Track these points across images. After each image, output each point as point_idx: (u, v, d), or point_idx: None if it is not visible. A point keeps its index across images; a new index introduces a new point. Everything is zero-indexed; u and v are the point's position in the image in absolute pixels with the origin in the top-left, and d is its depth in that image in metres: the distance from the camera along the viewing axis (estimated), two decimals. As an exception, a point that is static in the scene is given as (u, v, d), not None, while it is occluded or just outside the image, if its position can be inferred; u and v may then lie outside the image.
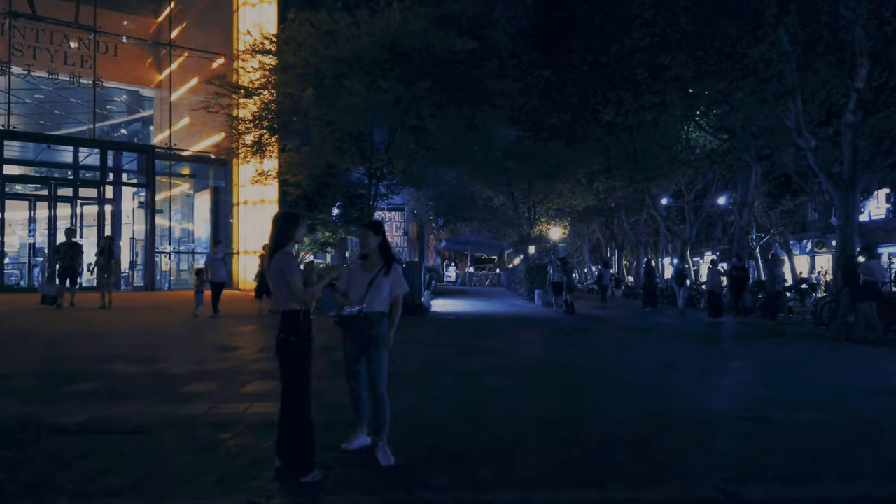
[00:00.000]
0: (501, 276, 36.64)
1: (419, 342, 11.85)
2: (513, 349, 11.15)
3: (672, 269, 39.46)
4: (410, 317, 16.71)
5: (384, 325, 5.03)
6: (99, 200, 20.41)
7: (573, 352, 11.05)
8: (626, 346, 11.88)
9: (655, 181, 26.80)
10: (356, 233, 27.97)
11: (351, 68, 15.47)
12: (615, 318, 18.92)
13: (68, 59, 19.92)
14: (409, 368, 8.83)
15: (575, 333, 14.02)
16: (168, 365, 8.82)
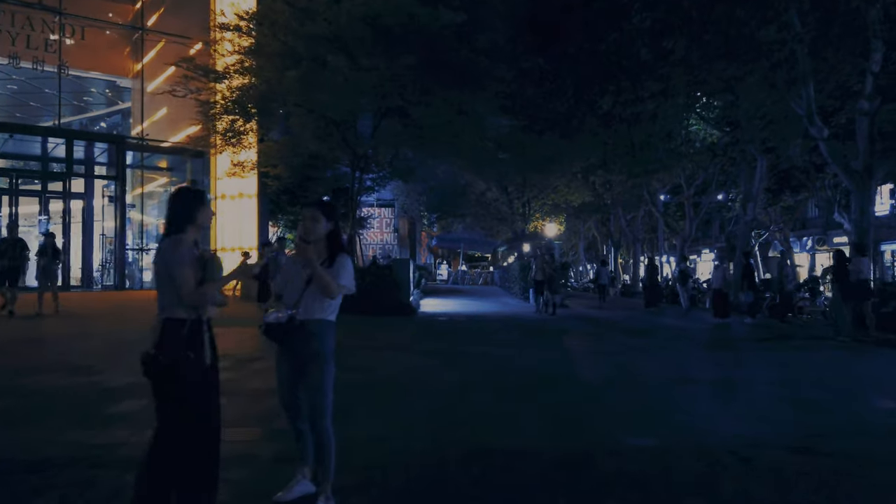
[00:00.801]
0: (495, 275, 35.52)
1: (400, 348, 10.66)
2: (503, 357, 9.96)
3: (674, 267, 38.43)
4: (396, 318, 15.56)
5: (327, 336, 3.80)
6: (64, 194, 19.11)
7: (572, 361, 9.86)
8: (630, 353, 10.70)
9: (655, 175, 25.67)
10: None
11: (330, 47, 14.26)
12: (615, 319, 17.76)
13: (31, 44, 18.60)
14: (383, 382, 7.64)
15: (573, 338, 12.85)
16: (104, 377, 7.62)
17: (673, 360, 10.09)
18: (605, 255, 36.38)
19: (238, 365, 8.54)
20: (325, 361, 3.72)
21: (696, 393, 7.26)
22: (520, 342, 11.96)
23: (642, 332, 14.45)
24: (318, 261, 3.67)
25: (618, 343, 12.04)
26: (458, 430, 5.52)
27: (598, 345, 11.81)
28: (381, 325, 14.24)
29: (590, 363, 9.54)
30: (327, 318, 3.76)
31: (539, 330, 13.76)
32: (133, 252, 21.46)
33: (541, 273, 18.00)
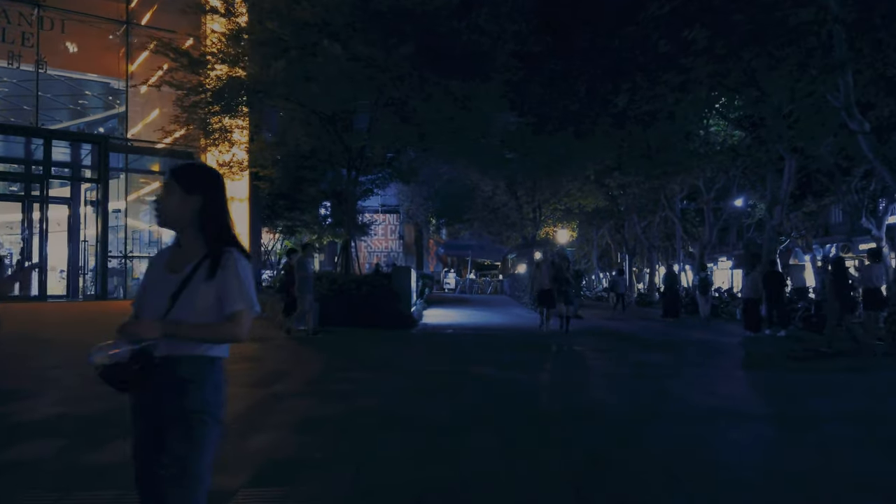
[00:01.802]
0: (505, 284, 34.03)
1: (391, 369, 9.23)
2: (510, 381, 8.49)
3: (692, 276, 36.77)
4: (395, 331, 14.15)
5: (207, 383, 2.30)
6: (42, 199, 17.88)
7: (593, 386, 8.35)
8: (661, 375, 9.20)
9: (676, 176, 24.16)
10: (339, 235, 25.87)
11: (319, 34, 12.94)
12: (635, 332, 16.25)
13: (6, 37, 17.41)
14: (360, 416, 6.21)
15: (591, 356, 11.35)
16: (28, 404, 6.30)
17: (712, 384, 8.57)
18: (621, 263, 34.84)
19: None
20: (202, 427, 2.23)
21: (754, 434, 5.75)
22: (529, 362, 10.48)
23: (668, 347, 12.93)
24: (192, 264, 2.25)
25: (643, 362, 10.53)
26: (442, 495, 4.06)
27: (620, 364, 10.30)
28: (376, 339, 12.83)
29: (614, 389, 8.05)
30: (208, 354, 2.29)
31: (551, 346, 12.26)
32: (117, 260, 20.19)
33: (548, 281, 14.73)
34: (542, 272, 15.12)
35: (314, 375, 8.45)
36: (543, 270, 15.09)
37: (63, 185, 19.14)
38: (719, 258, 49.35)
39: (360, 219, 25.96)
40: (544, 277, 14.90)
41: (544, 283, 14.90)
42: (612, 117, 22.30)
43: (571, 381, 8.63)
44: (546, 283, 14.80)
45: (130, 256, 20.41)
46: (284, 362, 9.54)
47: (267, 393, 7.14)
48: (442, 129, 13.95)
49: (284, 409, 6.39)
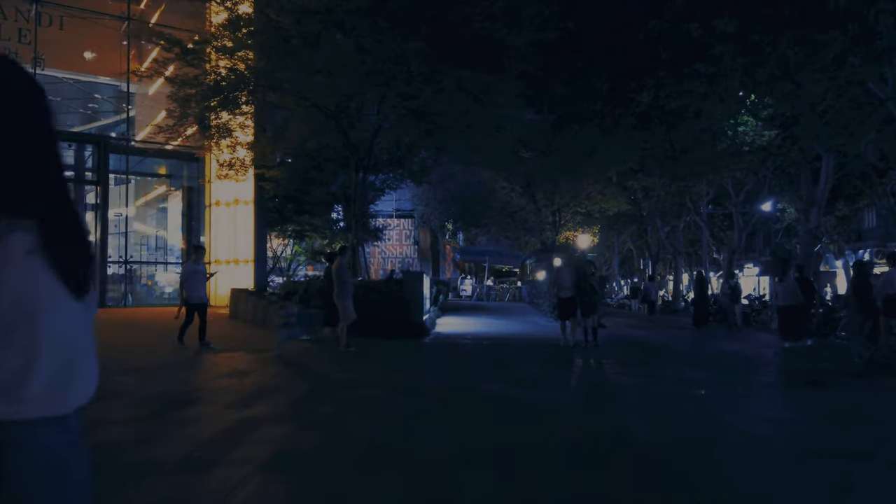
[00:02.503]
0: (523, 290, 32.89)
1: (393, 386, 8.18)
2: (527, 403, 7.41)
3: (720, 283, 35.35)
4: (405, 340, 13.12)
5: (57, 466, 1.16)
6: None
7: (626, 410, 7.23)
8: (704, 395, 8.08)
9: (703, 177, 22.93)
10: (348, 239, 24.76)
11: (322, 22, 12.05)
12: (666, 343, 15.08)
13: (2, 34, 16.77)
14: (346, 448, 5.17)
15: (620, 371, 10.22)
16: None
17: (767, 408, 7.41)
18: (653, 269, 33.56)
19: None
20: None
21: (842, 478, 4.63)
22: (549, 379, 9.38)
23: (705, 361, 11.74)
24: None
25: (681, 379, 9.37)
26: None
27: (655, 382, 9.13)
28: (382, 351, 11.83)
29: (652, 414, 6.92)
30: (54, 414, 1.22)
31: (574, 360, 11.13)
32: (118, 266, 19.44)
33: (570, 287, 12.89)
34: (562, 277, 13.11)
35: (302, 394, 7.45)
36: (564, 275, 13.12)
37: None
38: (745, 264, 47.76)
39: (372, 223, 25.06)
40: (565, 283, 13.01)
41: (565, 290, 13.00)
42: (636, 116, 21.22)
43: (597, 404, 7.51)
44: (568, 289, 12.95)
45: (131, 262, 19.65)
46: (273, 378, 8.56)
47: (242, 417, 6.16)
48: (454, 125, 12.94)
49: (256, 438, 5.40)
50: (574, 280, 12.88)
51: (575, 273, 13.08)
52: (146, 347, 11.34)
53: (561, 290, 13.12)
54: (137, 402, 6.87)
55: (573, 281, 12.87)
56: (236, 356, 10.40)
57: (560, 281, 13.10)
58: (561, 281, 13.10)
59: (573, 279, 12.91)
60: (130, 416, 6.26)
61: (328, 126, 14.26)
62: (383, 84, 11.89)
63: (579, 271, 13.07)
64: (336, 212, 22.75)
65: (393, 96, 12.31)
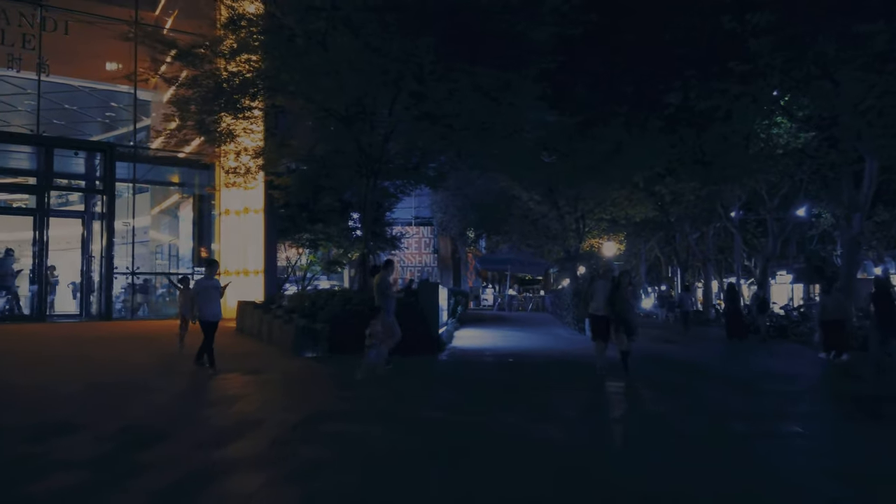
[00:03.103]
0: (546, 300, 31.83)
1: (390, 416, 7.28)
2: (544, 445, 6.45)
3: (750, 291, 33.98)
4: (417, 356, 12.19)
5: None
6: (39, 210, 16.65)
7: (660, 456, 6.20)
8: (758, 430, 7.03)
9: (737, 181, 21.77)
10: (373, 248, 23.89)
11: (328, 20, 11.29)
12: (702, 360, 14.01)
13: (6, 40, 16.31)
14: None
15: (659, 399, 9.16)
16: None
17: (835, 454, 6.36)
18: (683, 279, 32.31)
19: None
20: None
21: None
22: (571, 408, 8.38)
23: (748, 383, 10.63)
24: None
25: (728, 409, 8.31)
26: None
27: (698, 415, 8.02)
28: (392, 370, 10.95)
29: (702, 464, 5.80)
30: None
31: (603, 383, 10.10)
32: (125, 276, 18.88)
33: (597, 305, 10.68)
34: (596, 290, 10.81)
35: (288, 429, 6.59)
36: (598, 288, 10.79)
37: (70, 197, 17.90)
38: (778, 272, 46.06)
39: (388, 231, 24.28)
40: (599, 297, 10.69)
41: (599, 306, 10.68)
42: (663, 119, 20.16)
43: (632, 446, 6.50)
44: (602, 305, 10.63)
45: (138, 273, 19.07)
46: (260, 407, 7.74)
47: (209, 461, 5.34)
48: (469, 127, 12.05)
49: (217, 492, 4.57)
50: (608, 294, 10.60)
51: (610, 286, 10.76)
52: (136, 365, 10.61)
53: (593, 305, 10.81)
54: (99, 437, 6.09)
55: (608, 295, 10.60)
56: (230, 378, 9.62)
57: (592, 295, 10.82)
58: (593, 294, 10.81)
59: (608, 293, 10.63)
60: (85, 455, 5.49)
61: (338, 130, 13.51)
62: (393, 83, 11.06)
63: (616, 283, 10.79)
64: (352, 220, 22.01)
65: (404, 97, 11.47)
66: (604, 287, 10.77)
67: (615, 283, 10.77)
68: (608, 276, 11.18)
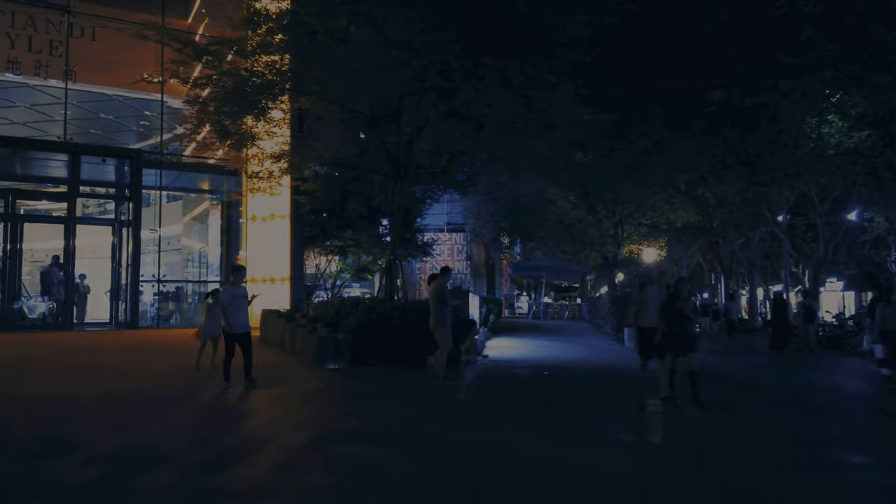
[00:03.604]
0: (583, 308, 30.87)
1: (402, 442, 6.60)
2: (584, 471, 5.72)
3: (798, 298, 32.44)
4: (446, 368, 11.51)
5: None
6: (68, 218, 16.55)
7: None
8: (838, 462, 6.23)
9: (786, 182, 20.62)
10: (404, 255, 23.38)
11: (349, 16, 10.79)
12: (750, 375, 13.03)
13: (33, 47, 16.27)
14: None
15: (711, 421, 8.30)
16: None
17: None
18: (727, 286, 31.04)
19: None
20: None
21: None
22: (615, 429, 7.63)
23: (802, 401, 9.71)
24: None
25: (788, 431, 7.48)
26: None
27: (754, 437, 7.22)
28: (414, 383, 10.33)
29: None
30: None
31: (645, 403, 9.17)
32: (151, 284, 18.69)
33: (656, 314, 8.88)
34: (647, 299, 9.03)
35: (292, 453, 6.00)
36: (649, 296, 9.02)
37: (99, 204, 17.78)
38: (828, 279, 44.10)
39: (419, 238, 23.73)
40: (650, 307, 8.95)
41: (650, 317, 8.92)
42: (706, 119, 19.18)
43: (685, 488, 5.70)
44: (653, 315, 8.89)
45: (164, 281, 18.86)
46: (267, 426, 7.17)
47: (202, 490, 4.79)
48: (497, 125, 11.39)
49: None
50: (662, 303, 8.95)
51: (664, 294, 9.06)
52: (151, 377, 10.18)
53: (642, 316, 9.03)
54: (91, 459, 5.61)
55: (660, 304, 8.95)
56: (243, 392, 9.11)
57: (643, 304, 9.04)
58: (644, 304, 9.02)
59: (660, 302, 8.97)
60: (68, 481, 4.99)
61: (363, 132, 13.02)
62: (416, 80, 10.46)
63: (673, 291, 9.10)
64: (382, 226, 21.49)
65: (430, 95, 10.87)
66: (657, 295, 9.04)
67: (671, 293, 9.08)
68: (662, 281, 9.38)
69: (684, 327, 8.86)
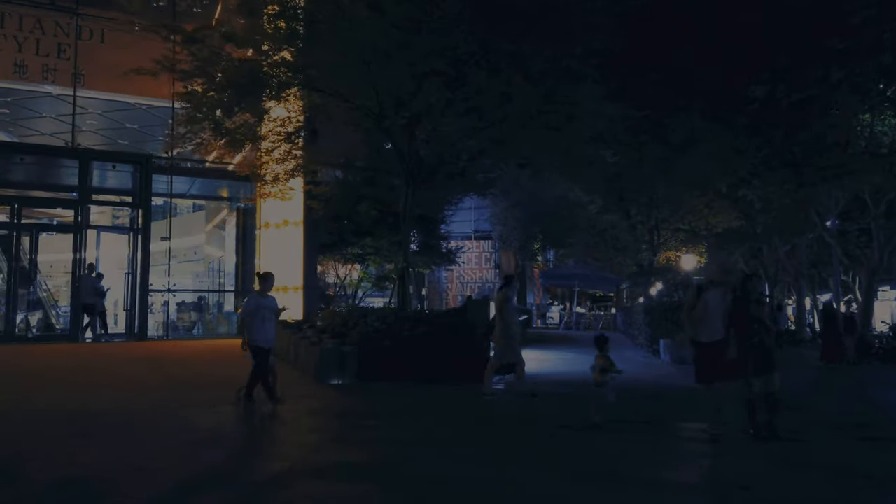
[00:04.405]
0: (617, 318, 29.49)
1: (396, 472, 5.58)
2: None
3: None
4: (460, 385, 10.52)
5: None
6: (76, 225, 16.03)
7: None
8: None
9: (838, 182, 19.14)
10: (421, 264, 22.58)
11: (353, 1, 9.94)
12: (806, 395, 11.63)
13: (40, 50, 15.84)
14: None
15: (774, 455, 7.09)
16: None
17: None
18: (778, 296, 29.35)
19: None
20: None
21: None
22: (654, 465, 6.49)
23: (872, 427, 8.38)
24: None
25: (855, 465, 6.26)
26: None
27: (821, 473, 6.02)
28: (418, 402, 9.33)
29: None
30: None
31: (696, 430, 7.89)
32: (162, 294, 18.09)
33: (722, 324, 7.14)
34: (707, 305, 7.15)
35: (255, 489, 5.05)
36: (711, 301, 7.15)
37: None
38: (881, 287, 41.68)
39: (443, 245, 22.81)
40: (713, 315, 7.12)
41: (714, 328, 7.12)
42: (747, 116, 17.83)
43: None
44: (718, 325, 7.11)
45: (174, 290, 18.24)
46: (239, 452, 6.26)
47: None
48: (512, 117, 10.35)
49: None
50: (729, 308, 7.13)
51: (729, 297, 7.22)
52: (134, 393, 9.38)
53: (704, 327, 7.14)
54: (21, 495, 4.75)
55: (728, 310, 7.13)
56: (225, 411, 8.23)
57: (703, 312, 7.13)
58: (705, 312, 7.12)
59: (726, 307, 7.14)
60: None
61: (371, 130, 12.15)
62: (421, 64, 9.48)
63: (744, 292, 7.25)
64: (414, 235, 20.59)
65: (434, 82, 9.89)
66: (720, 300, 7.15)
67: (740, 293, 7.19)
68: (727, 282, 7.47)
69: (761, 339, 7.01)
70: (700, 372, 7.32)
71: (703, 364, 7.24)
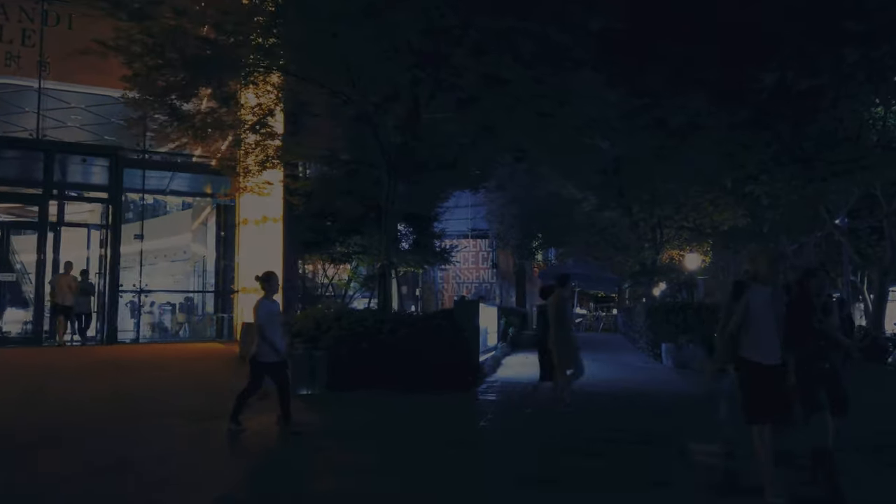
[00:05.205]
0: (618, 318, 28.50)
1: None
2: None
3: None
4: (443, 395, 9.60)
5: None
6: (40, 221, 15.12)
7: None
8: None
9: (850, 176, 18.14)
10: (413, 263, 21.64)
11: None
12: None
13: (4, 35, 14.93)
14: None
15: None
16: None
17: None
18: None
19: None
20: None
21: None
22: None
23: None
24: None
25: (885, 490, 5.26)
26: None
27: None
28: (390, 415, 8.37)
29: None
30: None
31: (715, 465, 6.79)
32: (132, 295, 17.16)
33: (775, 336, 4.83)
34: (752, 310, 4.82)
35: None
36: (758, 306, 4.83)
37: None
38: (891, 289, 40.58)
39: (437, 244, 21.82)
40: (762, 324, 4.81)
41: (766, 344, 4.81)
42: (754, 107, 16.88)
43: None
44: (772, 340, 4.82)
45: (146, 291, 17.31)
46: (163, 481, 5.30)
47: None
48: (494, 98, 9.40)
49: None
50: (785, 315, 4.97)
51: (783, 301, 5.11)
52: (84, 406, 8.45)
53: (749, 342, 4.86)
54: None
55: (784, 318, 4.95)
56: (171, 427, 7.29)
57: (744, 320, 4.85)
58: (747, 320, 4.84)
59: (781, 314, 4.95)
60: None
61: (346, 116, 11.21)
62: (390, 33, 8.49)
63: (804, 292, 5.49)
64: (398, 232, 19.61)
65: (406, 58, 8.93)
66: (770, 304, 4.88)
67: (795, 296, 5.39)
68: (774, 278, 5.21)
69: (831, 362, 5.18)
70: (751, 407, 4.83)
71: (752, 396, 4.82)
